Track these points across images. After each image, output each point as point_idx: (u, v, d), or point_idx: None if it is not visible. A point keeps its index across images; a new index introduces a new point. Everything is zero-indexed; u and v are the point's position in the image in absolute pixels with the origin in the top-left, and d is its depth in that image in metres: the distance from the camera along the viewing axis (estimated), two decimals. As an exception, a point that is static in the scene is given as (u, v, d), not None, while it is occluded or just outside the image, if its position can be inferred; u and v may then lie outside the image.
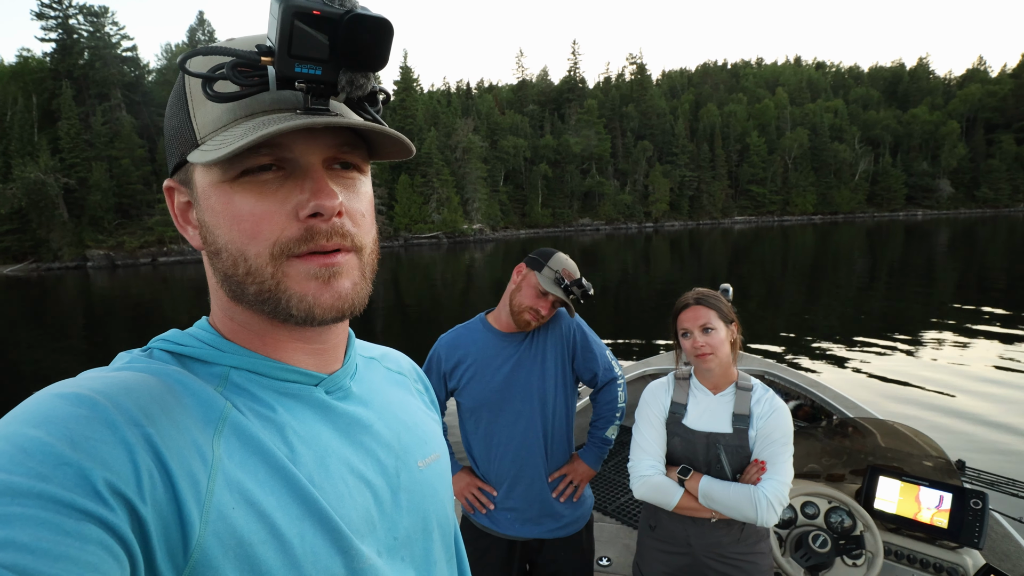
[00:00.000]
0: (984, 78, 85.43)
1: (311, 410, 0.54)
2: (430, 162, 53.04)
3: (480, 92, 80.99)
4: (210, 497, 0.42)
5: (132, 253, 42.38)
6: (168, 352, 0.51)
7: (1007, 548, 2.10)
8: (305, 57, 0.43)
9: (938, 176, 73.99)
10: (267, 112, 0.47)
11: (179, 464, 0.41)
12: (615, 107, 73.44)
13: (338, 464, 0.52)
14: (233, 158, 0.46)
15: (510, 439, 1.67)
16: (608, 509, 3.09)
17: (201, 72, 0.45)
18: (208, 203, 0.49)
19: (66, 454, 0.36)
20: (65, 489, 0.35)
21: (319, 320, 0.49)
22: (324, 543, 0.47)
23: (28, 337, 13.37)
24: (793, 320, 11.13)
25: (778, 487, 1.44)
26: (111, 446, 0.38)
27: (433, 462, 0.65)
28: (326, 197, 0.47)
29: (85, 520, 0.34)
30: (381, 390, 0.65)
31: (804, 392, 3.43)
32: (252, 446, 0.47)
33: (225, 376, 0.51)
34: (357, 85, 0.46)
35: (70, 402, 0.39)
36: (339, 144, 0.49)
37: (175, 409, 0.44)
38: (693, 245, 36.47)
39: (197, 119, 0.49)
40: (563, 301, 1.62)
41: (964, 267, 18.64)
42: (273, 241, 0.47)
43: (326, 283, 0.49)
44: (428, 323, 12.57)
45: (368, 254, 0.53)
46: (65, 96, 43.82)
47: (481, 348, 1.71)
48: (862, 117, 79.80)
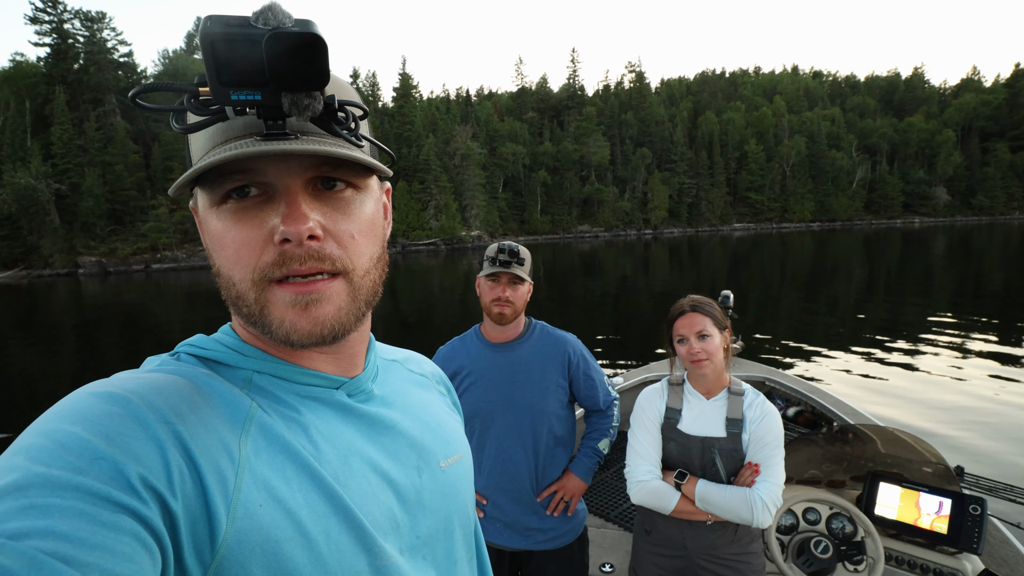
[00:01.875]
0: (978, 87, 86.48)
1: (333, 412, 0.54)
2: (428, 168, 52.87)
3: (479, 99, 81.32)
4: (237, 494, 0.43)
5: (125, 260, 41.87)
6: (194, 356, 0.52)
7: (1005, 553, 2.12)
8: (237, 84, 0.42)
9: (934, 184, 74.45)
10: (239, 137, 0.47)
11: (208, 461, 0.42)
12: (614, 115, 73.61)
13: (361, 464, 0.53)
14: (213, 183, 0.47)
15: (499, 450, 1.68)
16: (610, 516, 3.10)
17: (168, 106, 0.46)
18: (206, 227, 0.50)
19: (102, 449, 0.37)
20: (101, 482, 0.36)
21: (297, 345, 0.49)
22: (349, 541, 0.48)
23: (18, 344, 13.13)
24: (792, 326, 11.11)
25: (772, 488, 1.48)
26: (143, 442, 0.39)
27: (456, 462, 0.65)
28: (293, 223, 0.46)
29: (120, 512, 0.36)
30: (403, 392, 0.66)
31: (805, 398, 3.41)
32: (278, 445, 0.47)
33: (249, 379, 0.52)
34: (302, 106, 0.44)
35: (104, 400, 0.41)
36: (316, 164, 0.48)
37: (203, 409, 0.45)
38: (692, 252, 36.37)
39: (192, 146, 0.51)
40: (506, 272, 1.64)
41: (961, 274, 18.66)
42: (253, 267, 0.47)
43: (304, 310, 0.48)
44: (426, 331, 12.33)
45: (360, 276, 0.52)
46: (58, 101, 43.47)
47: (475, 359, 1.73)
48: (859, 125, 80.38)
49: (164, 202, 43.33)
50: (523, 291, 1.68)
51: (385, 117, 58.93)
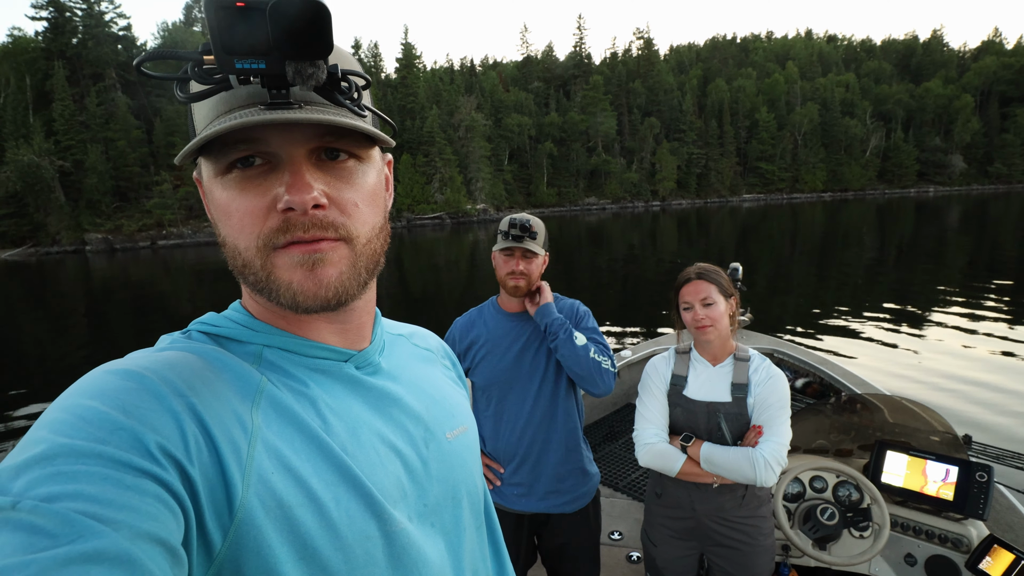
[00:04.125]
0: (1000, 50, 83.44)
1: (341, 385, 0.56)
2: (432, 141, 52.18)
3: (484, 69, 79.57)
4: (251, 462, 0.44)
5: (131, 237, 41.83)
6: (205, 334, 0.54)
7: (1011, 520, 2.14)
8: (241, 52, 0.42)
9: (951, 151, 72.63)
10: (244, 106, 0.47)
11: (221, 431, 0.44)
12: (621, 83, 71.93)
13: (369, 434, 0.54)
14: (218, 153, 0.47)
15: (518, 417, 1.72)
16: (619, 485, 3.19)
17: (172, 75, 0.46)
18: (211, 197, 0.51)
19: (120, 420, 0.39)
20: (122, 450, 0.37)
21: (303, 309, 0.50)
22: (359, 507, 0.49)
23: (28, 321, 13.34)
24: (802, 298, 11.11)
25: (776, 447, 1.49)
26: (159, 414, 0.41)
27: (461, 434, 0.67)
28: (298, 192, 0.47)
29: (142, 476, 0.37)
30: (409, 366, 0.67)
31: (813, 369, 3.44)
32: (287, 417, 0.49)
33: (259, 354, 0.53)
34: (306, 75, 0.45)
35: (120, 377, 0.42)
36: (320, 135, 0.49)
37: (215, 383, 0.47)
38: (701, 224, 36.01)
39: (195, 115, 0.51)
40: (519, 247, 1.67)
41: (975, 245, 18.46)
42: (257, 234, 0.48)
43: (310, 270, 0.49)
44: (432, 306, 12.35)
45: (363, 244, 0.53)
46: (58, 76, 42.87)
47: (492, 329, 1.78)
48: (874, 91, 78.14)
49: (168, 178, 43.14)
50: (537, 263, 1.71)
51: (388, 88, 57.88)
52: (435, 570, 0.56)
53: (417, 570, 0.53)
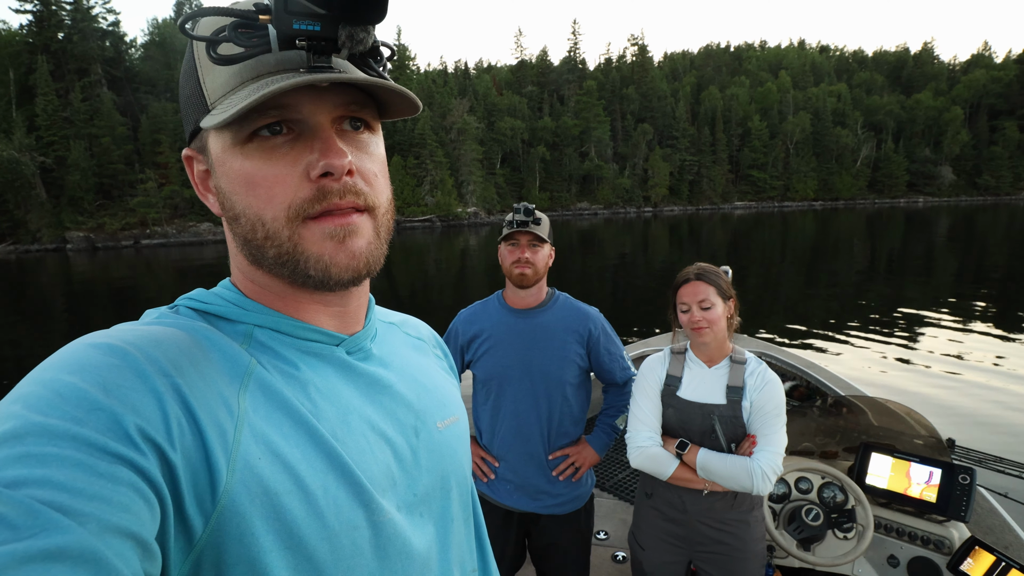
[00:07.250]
0: (989, 64, 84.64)
1: (333, 369, 0.54)
2: (423, 143, 51.75)
3: (478, 72, 79.44)
4: (237, 447, 0.43)
5: (113, 235, 40.92)
6: (194, 310, 0.52)
7: (992, 522, 2.18)
8: (302, 13, 0.42)
9: (940, 163, 73.23)
10: (272, 73, 0.46)
11: (207, 414, 0.42)
12: (615, 89, 71.96)
13: (359, 421, 0.53)
14: (242, 121, 0.46)
15: (514, 413, 1.71)
16: (606, 485, 3.15)
17: (204, 36, 0.45)
18: (223, 169, 0.49)
19: (100, 400, 0.37)
20: (99, 433, 0.36)
21: (335, 281, 0.50)
22: (346, 496, 0.48)
23: (7, 320, 12.90)
24: (791, 305, 11.11)
25: (772, 457, 1.48)
26: (142, 394, 0.39)
27: (452, 424, 0.66)
28: (335, 156, 0.46)
29: (117, 463, 0.35)
30: (401, 354, 0.66)
31: (799, 372, 3.46)
32: (276, 401, 0.48)
33: (249, 334, 0.51)
34: (357, 40, 0.44)
35: (103, 351, 0.40)
36: (347, 103, 0.49)
37: (202, 362, 0.45)
38: (692, 230, 35.97)
39: (207, 84, 0.48)
40: (524, 232, 1.65)
41: (962, 255, 18.59)
42: (288, 204, 0.47)
43: (341, 242, 0.49)
44: (421, 308, 12.02)
45: (382, 214, 0.53)
46: (41, 71, 41.86)
47: (496, 323, 1.76)
48: (865, 102, 78.81)
49: (153, 176, 42.36)
50: (543, 253, 1.68)
51: (380, 89, 57.38)
52: (420, 561, 0.55)
53: (402, 561, 0.52)
